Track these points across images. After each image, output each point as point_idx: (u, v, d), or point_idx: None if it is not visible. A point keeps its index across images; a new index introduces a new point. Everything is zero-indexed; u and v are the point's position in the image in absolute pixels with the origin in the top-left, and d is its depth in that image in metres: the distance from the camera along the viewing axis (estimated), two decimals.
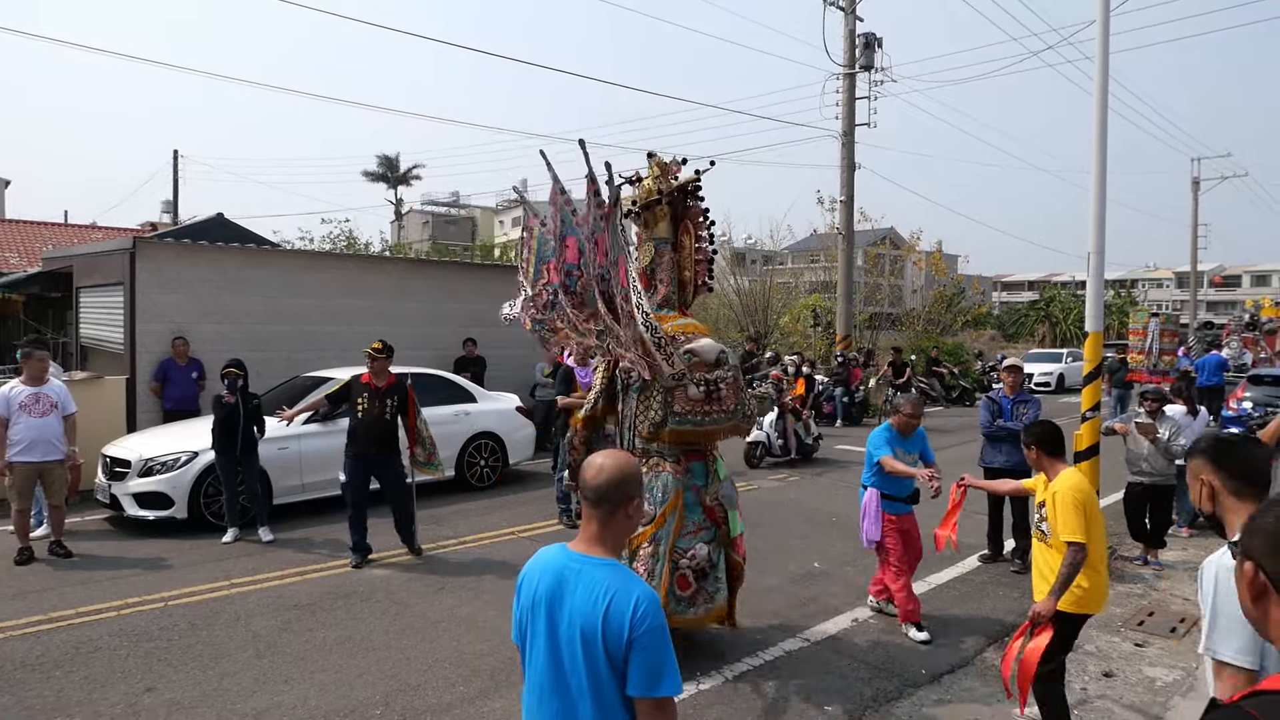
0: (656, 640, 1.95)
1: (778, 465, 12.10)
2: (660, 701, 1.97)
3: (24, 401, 6.87)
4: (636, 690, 1.95)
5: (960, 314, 29.49)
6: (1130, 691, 4.78)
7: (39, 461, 6.91)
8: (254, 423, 7.64)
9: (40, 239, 21.86)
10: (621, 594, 1.98)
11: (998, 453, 7.24)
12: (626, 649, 1.94)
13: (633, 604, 1.95)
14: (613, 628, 1.95)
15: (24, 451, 6.85)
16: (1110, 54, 7.55)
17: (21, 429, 6.84)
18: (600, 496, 2.09)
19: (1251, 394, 14.06)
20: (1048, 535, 3.97)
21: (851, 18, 18.77)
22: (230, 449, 7.52)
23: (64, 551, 7.03)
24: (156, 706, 4.44)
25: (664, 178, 5.26)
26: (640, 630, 1.93)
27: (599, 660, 1.96)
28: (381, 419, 7.05)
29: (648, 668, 1.94)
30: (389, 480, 7.12)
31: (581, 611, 2.00)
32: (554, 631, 2.06)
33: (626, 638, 1.93)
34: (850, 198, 19.25)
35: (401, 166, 55.95)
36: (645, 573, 4.78)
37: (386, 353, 7.13)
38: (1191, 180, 39.43)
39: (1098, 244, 7.55)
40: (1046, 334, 47.86)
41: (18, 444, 6.84)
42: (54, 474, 7.03)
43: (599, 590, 1.99)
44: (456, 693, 4.65)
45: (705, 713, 4.44)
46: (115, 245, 11.10)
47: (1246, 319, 25.15)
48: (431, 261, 18.73)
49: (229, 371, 7.61)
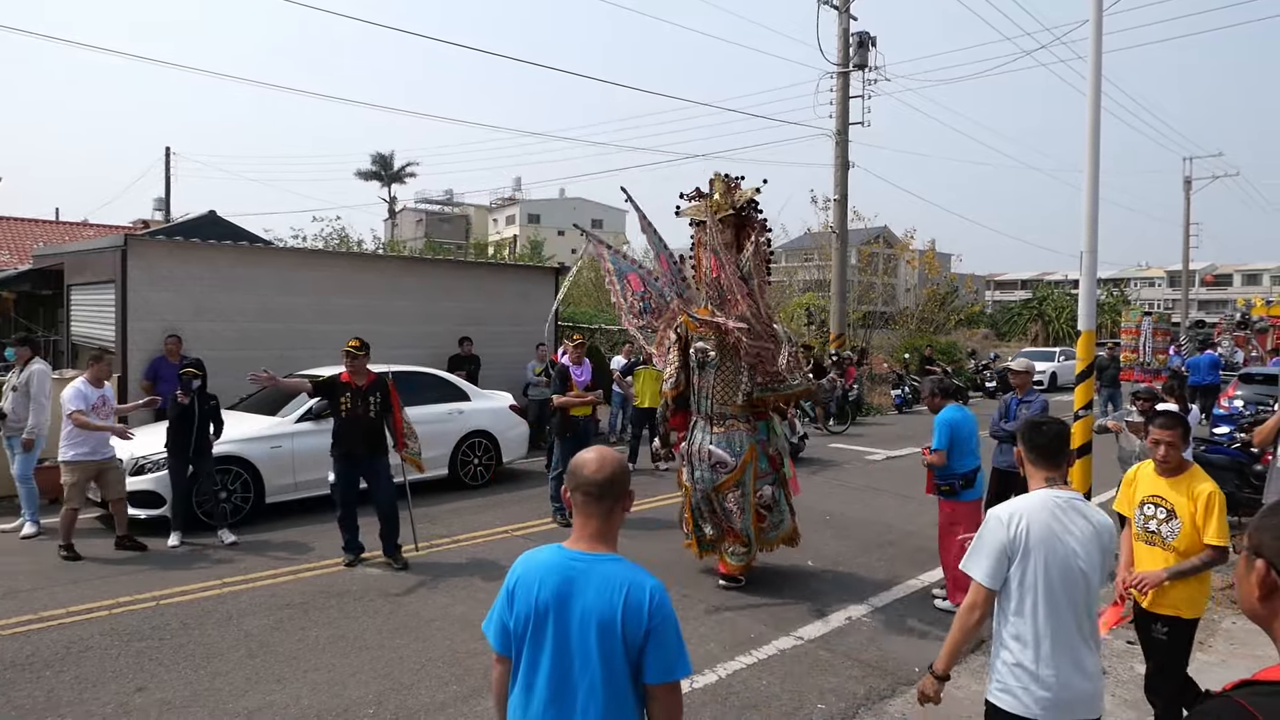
0: (670, 626, 2.03)
1: None
2: (675, 685, 2.05)
3: (95, 403, 7.23)
4: (656, 677, 2.01)
5: (953, 312, 29.55)
6: (1122, 689, 4.80)
7: (100, 460, 7.22)
8: (209, 423, 7.57)
9: (31, 236, 21.74)
10: (636, 586, 2.03)
11: (1001, 453, 7.32)
12: (644, 638, 2.00)
13: (648, 594, 2.03)
14: (631, 619, 2.00)
15: (88, 451, 7.15)
16: (1103, 54, 7.57)
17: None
18: (604, 491, 2.12)
19: (1242, 392, 14.13)
20: (1169, 538, 3.72)
21: (845, 16, 18.78)
22: (183, 451, 7.43)
23: (135, 545, 7.21)
24: (148, 706, 4.42)
25: (730, 194, 6.45)
26: (657, 619, 2.00)
27: (617, 653, 2.00)
28: (366, 418, 6.93)
29: (664, 653, 2.01)
30: (378, 481, 6.97)
31: (596, 608, 2.02)
32: (564, 633, 2.04)
33: (646, 627, 2.00)
34: (844, 196, 19.27)
35: (395, 164, 55.85)
36: (738, 511, 6.35)
37: (364, 350, 6.99)
38: (1183, 179, 39.57)
39: (1090, 243, 7.57)
40: (1039, 333, 48.09)
41: (82, 443, 7.11)
42: (112, 470, 7.34)
43: (613, 584, 2.03)
44: (450, 691, 4.64)
45: (699, 712, 4.44)
46: (107, 243, 11.04)
47: (1238, 318, 25.31)
48: (425, 260, 18.69)
49: (187, 372, 7.52)
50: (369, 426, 6.95)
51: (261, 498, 8.25)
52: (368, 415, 6.94)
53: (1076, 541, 2.63)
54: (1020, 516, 2.65)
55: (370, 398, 6.97)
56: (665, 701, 2.04)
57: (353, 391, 6.93)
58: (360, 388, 6.96)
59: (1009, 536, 2.62)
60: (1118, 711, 4.55)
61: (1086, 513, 2.71)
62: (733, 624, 5.72)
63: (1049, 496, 2.70)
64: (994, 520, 2.69)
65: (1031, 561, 2.61)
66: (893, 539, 8.03)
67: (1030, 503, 2.70)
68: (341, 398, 6.91)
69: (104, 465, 7.25)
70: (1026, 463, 2.85)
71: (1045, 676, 2.60)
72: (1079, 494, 2.77)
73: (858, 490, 10.45)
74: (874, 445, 14.21)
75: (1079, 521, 2.67)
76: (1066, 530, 2.64)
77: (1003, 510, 2.70)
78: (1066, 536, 2.63)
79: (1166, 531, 3.76)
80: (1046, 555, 2.60)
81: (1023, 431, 2.91)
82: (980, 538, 2.71)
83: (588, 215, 64.61)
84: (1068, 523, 2.65)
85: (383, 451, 7.03)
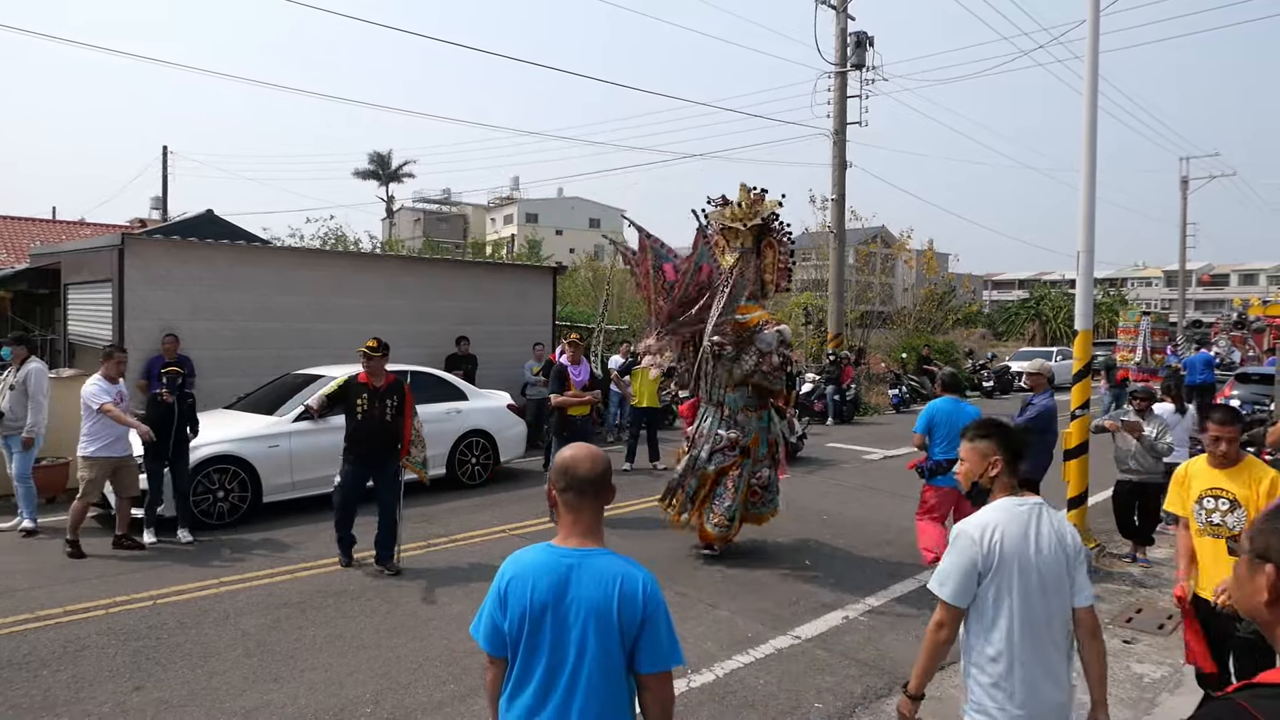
0: (663, 615, 2.08)
1: None
2: (668, 675, 2.10)
3: (114, 398, 7.21)
4: (649, 667, 2.06)
5: (951, 312, 29.59)
6: (1118, 688, 4.80)
7: (118, 456, 7.24)
8: (188, 423, 7.54)
9: (28, 235, 21.69)
10: (629, 577, 2.08)
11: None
12: (639, 628, 2.04)
13: (640, 584, 2.07)
14: (626, 609, 2.04)
15: (109, 446, 7.16)
16: (1100, 53, 7.58)
17: (105, 425, 7.13)
18: (598, 489, 2.16)
19: (1239, 392, 14.17)
20: (1235, 528, 3.68)
21: (843, 16, 18.79)
22: (162, 450, 7.36)
23: (133, 544, 7.23)
24: (145, 705, 4.42)
25: (755, 205, 7.22)
26: (650, 608, 2.06)
27: (613, 644, 2.04)
28: (384, 420, 6.73)
29: (657, 643, 2.06)
30: (385, 481, 6.79)
31: (592, 600, 2.04)
32: (561, 629, 2.06)
33: (640, 616, 2.04)
34: (841, 196, 19.28)
35: (393, 163, 55.76)
36: (732, 491, 7.05)
37: (382, 350, 6.80)
38: (1180, 179, 39.62)
39: (1087, 243, 7.59)
40: (1036, 332, 48.11)
41: (103, 438, 7.13)
42: (128, 468, 7.35)
43: (607, 576, 2.07)
44: (447, 691, 4.64)
45: (697, 711, 4.45)
46: (104, 242, 11.03)
47: (1234, 318, 25.34)
48: (423, 259, 18.65)
49: (171, 370, 7.49)
50: (385, 429, 6.75)
51: (259, 497, 8.24)
52: (384, 418, 6.75)
53: (1046, 549, 2.61)
54: (993, 528, 2.60)
55: (388, 400, 6.78)
56: (658, 691, 2.08)
57: (370, 392, 6.75)
58: (378, 389, 6.78)
59: (983, 551, 2.57)
60: (1116, 711, 4.55)
61: (1051, 519, 2.68)
62: (730, 623, 5.73)
63: (1015, 505, 2.66)
64: (964, 537, 2.62)
65: (1005, 574, 2.57)
66: (890, 538, 8.03)
67: (999, 514, 2.65)
68: (358, 399, 6.72)
69: (123, 462, 7.28)
70: (1005, 468, 2.78)
71: (1020, 694, 2.56)
72: (1041, 499, 2.73)
73: (854, 490, 10.46)
74: (871, 445, 14.22)
75: (1045, 528, 2.64)
76: (1036, 538, 2.61)
77: (973, 525, 2.63)
78: (1036, 545, 2.60)
79: (1232, 522, 3.72)
80: (1020, 566, 2.57)
81: (1002, 433, 2.85)
82: (949, 555, 2.65)
83: (586, 215, 64.71)
84: (1036, 531, 2.62)
85: (396, 455, 6.86)
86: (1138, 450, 7.19)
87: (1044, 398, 7.33)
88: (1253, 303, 27.99)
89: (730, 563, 7.13)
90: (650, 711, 2.10)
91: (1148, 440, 7.06)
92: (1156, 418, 7.29)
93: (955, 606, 2.62)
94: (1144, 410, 7.29)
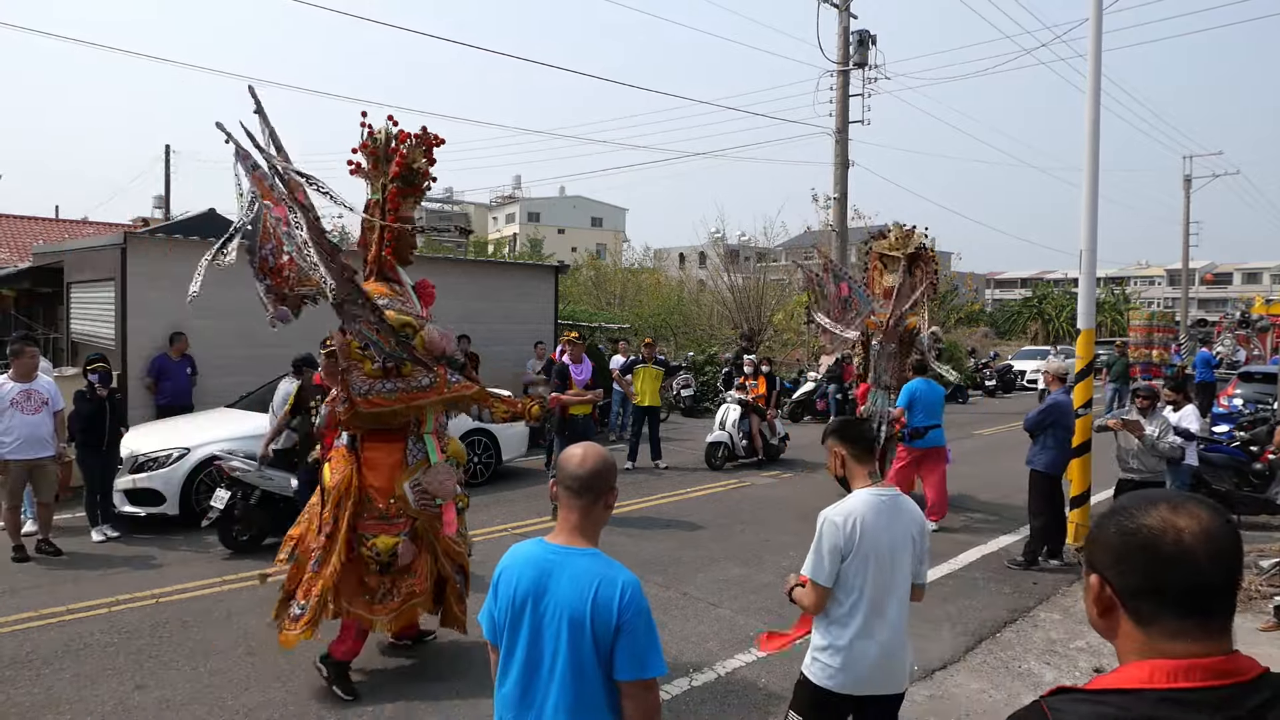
0: (642, 623, 2.02)
1: (768, 465, 11.95)
2: (648, 683, 2.03)
3: (15, 398, 6.86)
4: (627, 674, 2.00)
5: (953, 311, 29.56)
6: None
7: (31, 459, 6.91)
8: (119, 420, 7.53)
9: (31, 234, 21.72)
10: (607, 582, 2.03)
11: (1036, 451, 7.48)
12: (614, 635, 1.99)
13: (619, 590, 2.01)
14: (600, 614, 1.99)
15: (18, 449, 6.84)
16: (1103, 52, 7.58)
17: (15, 426, 6.83)
18: (585, 486, 2.13)
19: (1242, 391, 14.14)
20: None
21: (846, 15, 18.77)
22: (97, 445, 7.35)
23: (53, 549, 7.00)
24: (147, 704, 4.43)
25: (907, 237, 9.35)
26: (628, 615, 2.00)
27: (585, 648, 2.00)
28: None
29: (635, 651, 2.00)
30: None
31: (568, 600, 2.02)
32: (538, 624, 2.06)
33: (615, 623, 1.99)
34: (844, 195, 19.28)
35: None
36: None
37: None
38: (1183, 178, 39.51)
39: (1090, 241, 7.57)
40: (1039, 331, 48.08)
41: (11, 441, 6.83)
42: (45, 471, 7.04)
43: (585, 579, 2.03)
44: (449, 685, 4.65)
45: (698, 709, 4.45)
46: (106, 241, 11.03)
47: (1238, 316, 25.26)
48: (423, 258, 18.62)
49: (99, 367, 7.41)
50: None
51: None
52: None
53: (897, 535, 2.94)
54: (853, 518, 2.91)
55: None
56: (638, 700, 2.02)
57: (324, 394, 6.71)
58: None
59: (844, 537, 2.89)
60: None
61: (903, 507, 3.00)
62: (732, 623, 5.73)
63: (872, 495, 2.97)
64: (829, 525, 2.93)
65: (860, 557, 2.89)
66: None
67: (858, 504, 2.96)
68: (311, 401, 6.76)
69: (38, 464, 6.96)
70: (849, 460, 3.08)
71: (856, 651, 2.88)
72: (897, 490, 3.04)
73: None
74: None
75: (898, 517, 2.97)
76: (889, 526, 2.93)
77: (837, 514, 2.94)
78: (889, 531, 2.93)
79: None
80: (874, 550, 2.90)
81: (838, 429, 3.17)
82: (818, 542, 2.95)
83: (588, 214, 64.67)
84: (889, 519, 2.94)
85: None
86: (1139, 450, 7.16)
87: (1057, 394, 7.54)
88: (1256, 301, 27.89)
89: (731, 562, 7.13)
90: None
91: (1149, 439, 7.04)
92: (1159, 416, 7.28)
93: (825, 587, 2.93)
94: (1147, 409, 7.27)
